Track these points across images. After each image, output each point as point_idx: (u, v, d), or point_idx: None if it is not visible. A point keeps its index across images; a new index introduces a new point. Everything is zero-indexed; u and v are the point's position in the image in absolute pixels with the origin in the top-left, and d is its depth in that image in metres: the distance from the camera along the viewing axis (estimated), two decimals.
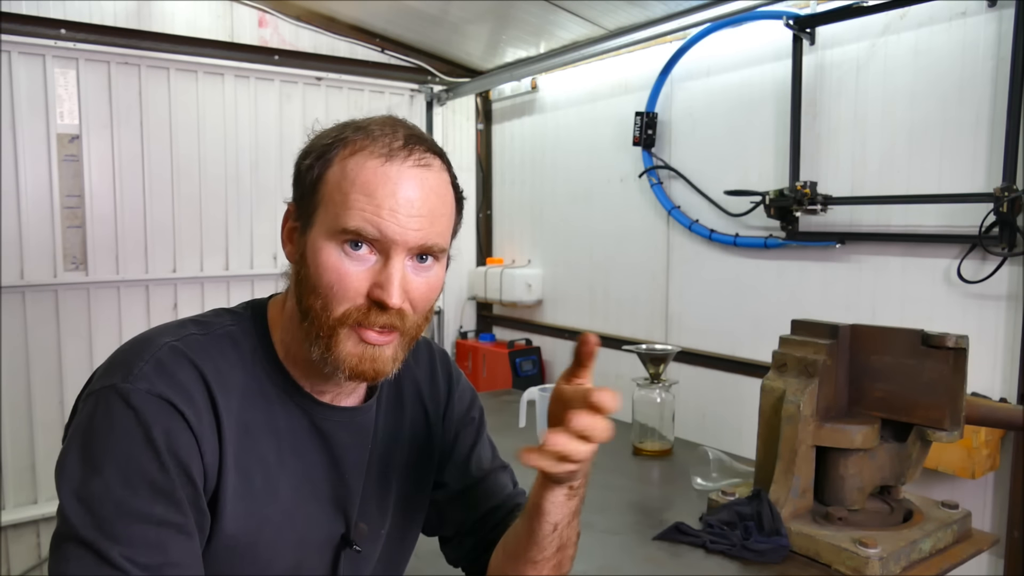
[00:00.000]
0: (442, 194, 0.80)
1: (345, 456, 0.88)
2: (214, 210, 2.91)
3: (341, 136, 0.79)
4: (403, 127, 0.80)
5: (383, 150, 0.76)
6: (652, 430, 1.93)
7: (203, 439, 0.75)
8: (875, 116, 2.08)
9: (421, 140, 0.80)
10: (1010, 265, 1.82)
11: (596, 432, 0.72)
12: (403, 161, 0.76)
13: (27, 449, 2.58)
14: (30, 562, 2.63)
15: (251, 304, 0.89)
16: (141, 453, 0.71)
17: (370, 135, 0.78)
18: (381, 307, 0.76)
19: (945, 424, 1.30)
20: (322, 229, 0.77)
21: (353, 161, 0.77)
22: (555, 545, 0.87)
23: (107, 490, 0.70)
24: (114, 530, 0.69)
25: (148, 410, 0.72)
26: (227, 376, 0.79)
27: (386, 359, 0.80)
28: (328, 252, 0.76)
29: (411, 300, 0.79)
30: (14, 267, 2.52)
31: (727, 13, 2.28)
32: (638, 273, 2.86)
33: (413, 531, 1.02)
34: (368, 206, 0.75)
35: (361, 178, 0.75)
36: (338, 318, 0.77)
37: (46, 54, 2.52)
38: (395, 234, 0.75)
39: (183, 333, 0.80)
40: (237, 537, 0.79)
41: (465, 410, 1.04)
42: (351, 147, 0.77)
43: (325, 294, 0.77)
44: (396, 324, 0.78)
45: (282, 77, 3.03)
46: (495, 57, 3.30)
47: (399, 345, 0.81)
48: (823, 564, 1.28)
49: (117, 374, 0.75)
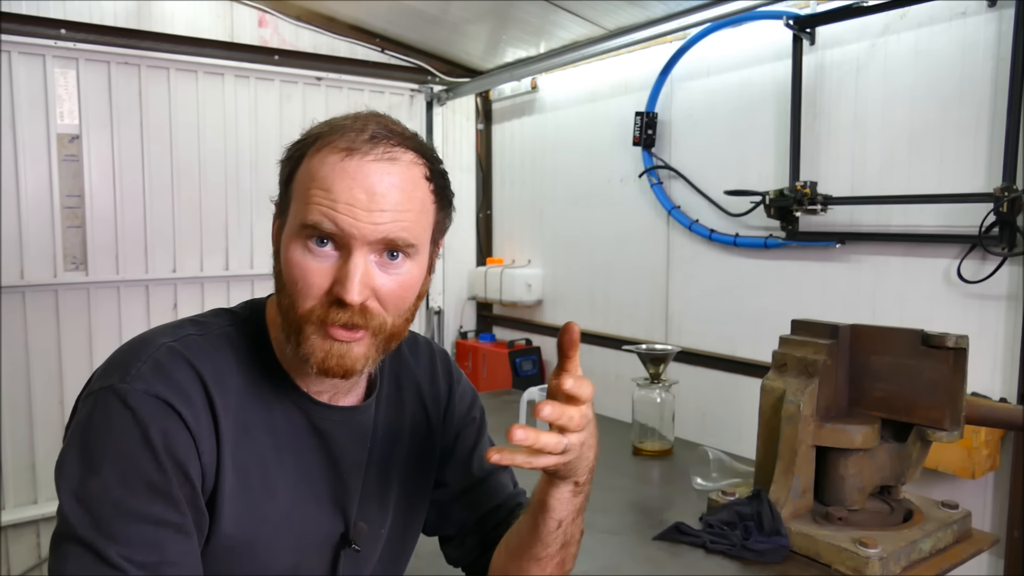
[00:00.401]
0: (408, 188, 0.77)
1: (343, 455, 0.88)
2: (214, 210, 2.91)
3: (313, 133, 0.79)
4: (375, 122, 0.78)
5: (345, 144, 0.75)
6: (652, 430, 1.93)
7: (200, 439, 0.75)
8: (875, 116, 2.08)
9: (392, 134, 0.77)
10: (1010, 265, 1.82)
11: (565, 420, 0.72)
12: (364, 155, 0.75)
13: (27, 449, 2.58)
14: (30, 562, 2.63)
15: (250, 304, 0.89)
16: (138, 453, 0.72)
17: (338, 130, 0.77)
18: (341, 304, 0.75)
19: (945, 424, 1.30)
20: (290, 227, 0.78)
21: (317, 157, 0.76)
22: (559, 542, 0.87)
23: (105, 490, 0.70)
24: (112, 529, 0.70)
25: (145, 410, 0.73)
26: (225, 376, 0.79)
27: (355, 356, 0.78)
28: (293, 249, 0.77)
29: (379, 298, 0.77)
30: (14, 267, 2.52)
31: (727, 13, 2.28)
32: (638, 273, 2.85)
33: (413, 531, 1.01)
34: (325, 200, 0.74)
35: (321, 173, 0.75)
36: (303, 315, 0.77)
37: (46, 54, 2.52)
38: (351, 227, 0.74)
39: (181, 334, 0.80)
40: (235, 537, 0.79)
41: (466, 410, 1.04)
42: (318, 143, 0.77)
43: (291, 291, 0.77)
44: (358, 322, 0.76)
45: (282, 77, 3.03)
46: (495, 57, 3.29)
47: (371, 344, 0.79)
48: (823, 564, 1.28)
49: (115, 375, 0.75)
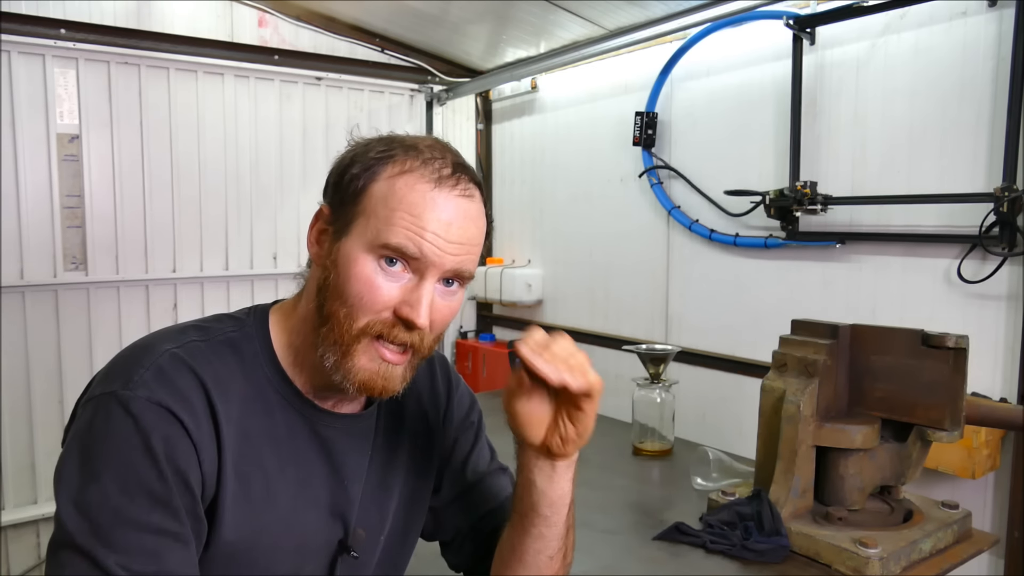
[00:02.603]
0: (480, 225, 0.83)
1: (345, 463, 0.88)
2: (214, 210, 2.91)
3: (390, 152, 0.80)
4: (451, 153, 0.83)
5: (433, 175, 0.78)
6: (652, 430, 1.93)
7: (202, 447, 0.75)
8: (875, 116, 2.08)
9: (467, 170, 0.82)
10: (1010, 265, 1.81)
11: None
12: (451, 189, 0.79)
13: (27, 449, 2.58)
14: (30, 562, 2.63)
15: (254, 309, 0.89)
16: (140, 461, 0.71)
17: (420, 157, 0.79)
18: (407, 326, 0.78)
19: (945, 424, 1.30)
20: (360, 240, 0.78)
21: (402, 180, 0.78)
22: (559, 534, 0.89)
23: (105, 498, 0.70)
24: (111, 538, 0.69)
25: (147, 418, 0.72)
26: (227, 383, 0.79)
27: (396, 377, 0.81)
28: (363, 263, 0.78)
29: (432, 321, 0.80)
30: (14, 267, 2.52)
31: (727, 13, 2.28)
32: (638, 273, 2.85)
33: (412, 536, 1.01)
34: (413, 226, 0.77)
35: (409, 198, 0.77)
36: (361, 328, 0.78)
37: (46, 54, 2.52)
38: (434, 256, 0.77)
39: (184, 340, 0.80)
40: (235, 543, 0.79)
41: (464, 414, 1.04)
42: (400, 166, 0.79)
43: (352, 303, 0.78)
44: (415, 343, 0.80)
45: (282, 77, 3.03)
46: (495, 57, 3.29)
47: (410, 365, 0.83)
48: (823, 564, 1.28)
49: (117, 381, 0.75)
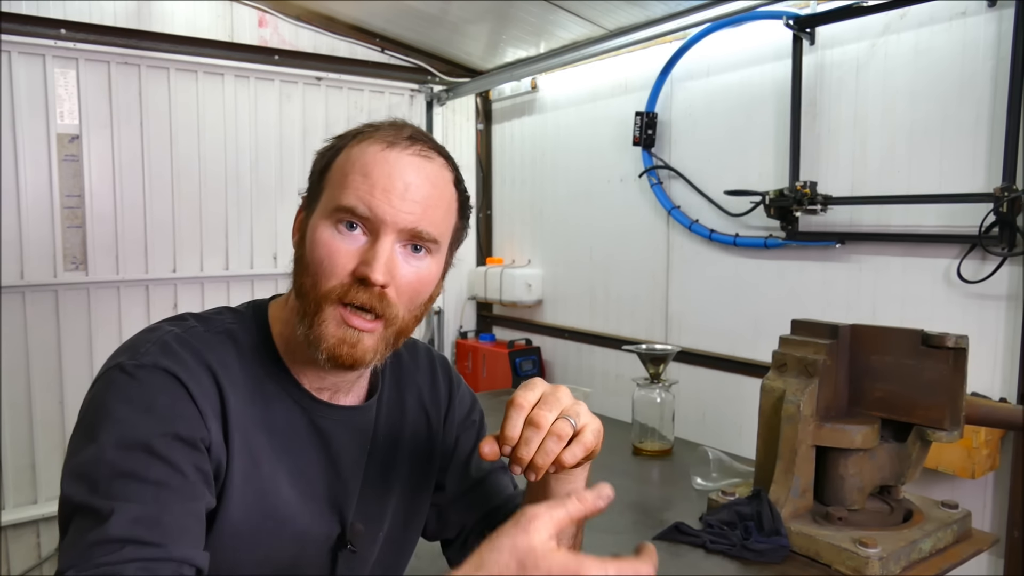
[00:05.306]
0: (439, 185, 0.82)
1: (342, 455, 0.88)
2: (214, 210, 2.91)
3: (354, 131, 0.83)
4: (412, 127, 0.84)
5: (387, 138, 0.80)
6: (652, 430, 1.93)
7: (208, 418, 0.75)
8: (875, 116, 2.08)
9: (427, 139, 0.84)
10: (1010, 265, 1.81)
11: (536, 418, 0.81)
12: (403, 149, 0.80)
13: (27, 449, 2.58)
14: (30, 562, 2.63)
15: (253, 303, 0.90)
16: (139, 420, 0.71)
17: (379, 128, 0.82)
18: (364, 283, 0.77)
19: (945, 424, 1.30)
20: (322, 210, 0.80)
21: (358, 148, 0.80)
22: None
23: (101, 452, 0.69)
24: (110, 490, 0.68)
25: (153, 381, 0.73)
26: (229, 369, 0.80)
27: (366, 347, 0.79)
28: (323, 230, 0.79)
29: (397, 286, 0.79)
30: (14, 267, 2.52)
31: (727, 13, 2.28)
32: (638, 273, 2.85)
33: (412, 534, 1.02)
34: (363, 186, 0.78)
35: (361, 161, 0.79)
36: (323, 293, 0.78)
37: (46, 54, 2.52)
38: (384, 214, 0.77)
39: (186, 326, 0.82)
40: (240, 525, 0.79)
41: (466, 414, 1.04)
42: (359, 137, 0.82)
43: (315, 270, 0.79)
44: (376, 306, 0.78)
45: (282, 77, 3.03)
46: (495, 57, 3.29)
47: (382, 337, 0.80)
48: (823, 564, 1.28)
49: (124, 356, 0.76)
